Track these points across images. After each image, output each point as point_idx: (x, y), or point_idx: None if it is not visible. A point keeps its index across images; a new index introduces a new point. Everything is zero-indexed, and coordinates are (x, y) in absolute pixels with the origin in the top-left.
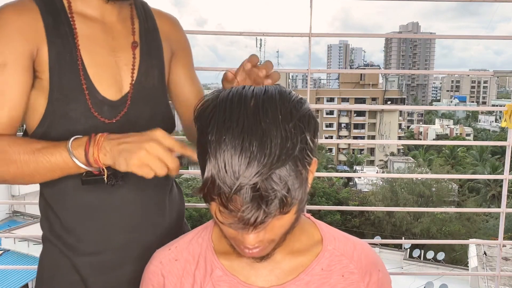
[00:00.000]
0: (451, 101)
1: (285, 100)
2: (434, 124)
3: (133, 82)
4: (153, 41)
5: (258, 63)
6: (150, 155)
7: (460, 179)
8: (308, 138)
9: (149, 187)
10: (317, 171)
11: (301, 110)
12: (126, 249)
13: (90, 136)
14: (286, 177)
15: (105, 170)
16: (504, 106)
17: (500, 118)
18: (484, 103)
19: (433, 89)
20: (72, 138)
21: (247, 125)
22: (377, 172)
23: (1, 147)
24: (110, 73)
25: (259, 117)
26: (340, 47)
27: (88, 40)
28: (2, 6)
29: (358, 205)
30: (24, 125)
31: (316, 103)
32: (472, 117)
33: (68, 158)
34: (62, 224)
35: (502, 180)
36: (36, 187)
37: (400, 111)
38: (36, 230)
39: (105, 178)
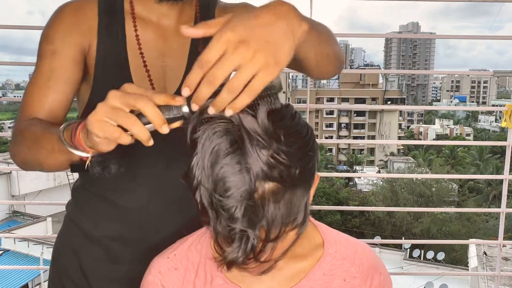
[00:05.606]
0: (451, 101)
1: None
2: (434, 124)
3: (176, 89)
4: (205, 44)
5: None
6: (107, 106)
7: (460, 179)
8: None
9: (171, 190)
10: (317, 171)
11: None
12: (137, 246)
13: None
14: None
15: (89, 156)
16: (504, 106)
17: (500, 118)
18: (484, 103)
19: (433, 89)
20: (69, 122)
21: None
22: (377, 172)
23: (25, 127)
24: (155, 77)
25: None
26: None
27: (138, 43)
28: (64, 3)
29: (358, 205)
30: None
31: (316, 103)
32: (472, 117)
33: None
34: (81, 208)
35: (503, 180)
36: (35, 187)
37: (400, 111)
38: (36, 230)
39: (88, 163)
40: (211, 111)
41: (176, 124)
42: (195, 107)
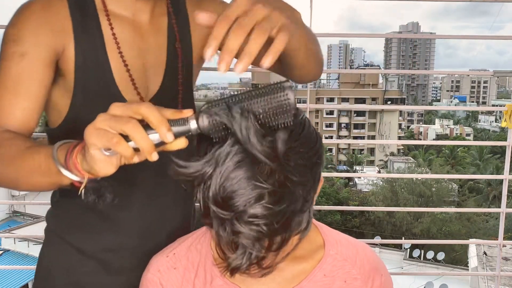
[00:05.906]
0: (451, 101)
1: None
2: (434, 124)
3: (158, 87)
4: (181, 39)
5: None
6: (108, 115)
7: (460, 179)
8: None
9: (167, 194)
10: None
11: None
12: (134, 253)
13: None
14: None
15: (84, 181)
16: (504, 106)
17: (500, 118)
18: (484, 103)
19: (433, 89)
20: (65, 141)
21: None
22: (377, 172)
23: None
24: (136, 76)
25: None
26: (340, 47)
27: (116, 42)
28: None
29: (358, 205)
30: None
31: (316, 103)
32: (472, 117)
33: (50, 158)
34: (69, 221)
35: (503, 180)
36: None
37: (400, 111)
38: (36, 230)
39: (82, 190)
40: (242, 63)
41: (181, 143)
42: (222, 67)
